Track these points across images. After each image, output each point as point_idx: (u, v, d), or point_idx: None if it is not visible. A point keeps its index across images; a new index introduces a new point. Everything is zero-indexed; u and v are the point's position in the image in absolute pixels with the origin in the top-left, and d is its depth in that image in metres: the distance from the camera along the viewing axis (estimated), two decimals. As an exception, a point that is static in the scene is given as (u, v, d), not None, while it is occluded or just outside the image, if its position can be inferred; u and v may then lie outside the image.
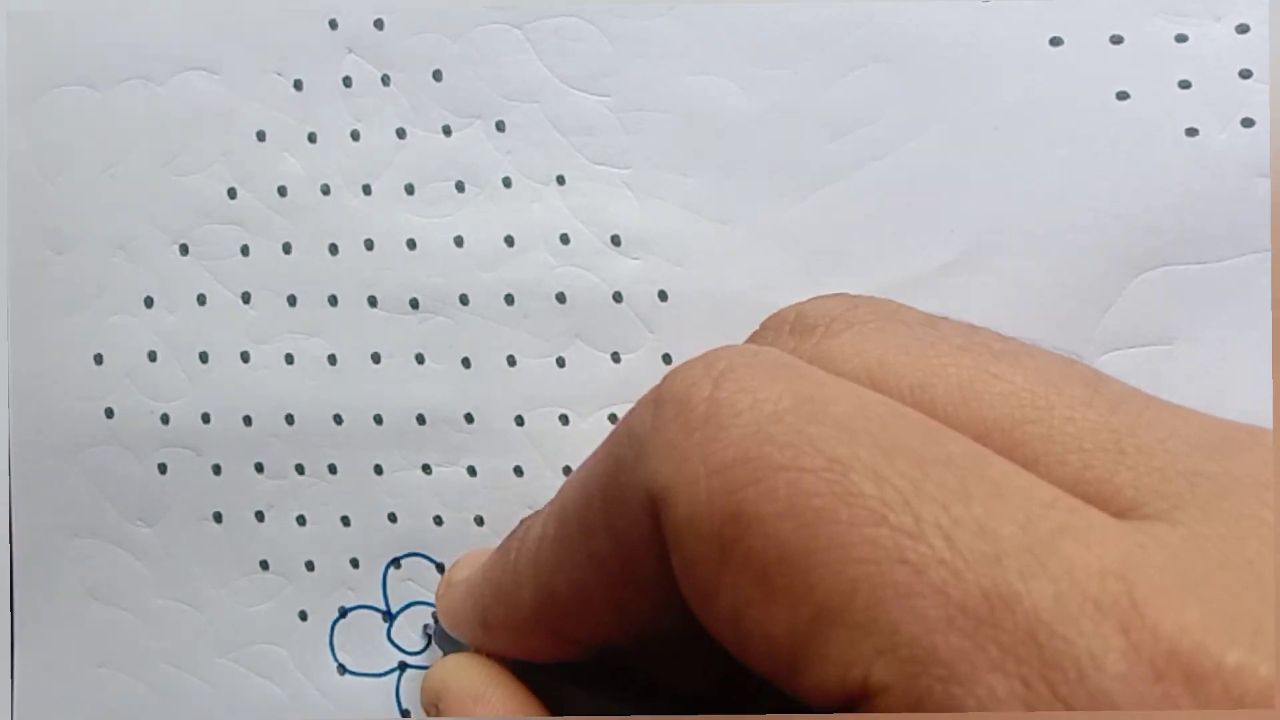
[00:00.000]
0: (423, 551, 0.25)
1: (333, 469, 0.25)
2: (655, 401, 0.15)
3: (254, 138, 0.24)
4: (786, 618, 0.13)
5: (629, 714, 0.18)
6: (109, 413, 0.25)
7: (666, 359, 0.24)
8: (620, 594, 0.16)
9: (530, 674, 0.19)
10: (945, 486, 0.12)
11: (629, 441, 0.15)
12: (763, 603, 0.13)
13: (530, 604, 0.17)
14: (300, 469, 0.25)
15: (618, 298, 0.24)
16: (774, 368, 0.14)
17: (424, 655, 0.25)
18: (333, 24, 0.24)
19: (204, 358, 0.25)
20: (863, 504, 0.12)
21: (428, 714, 0.21)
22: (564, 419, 0.24)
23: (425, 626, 0.25)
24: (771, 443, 0.13)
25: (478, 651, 0.20)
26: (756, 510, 0.13)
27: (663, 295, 0.24)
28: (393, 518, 0.25)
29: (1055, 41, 0.23)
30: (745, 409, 0.13)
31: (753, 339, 0.18)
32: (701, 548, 0.13)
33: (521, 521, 0.19)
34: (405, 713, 0.25)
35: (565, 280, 0.24)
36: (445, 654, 0.22)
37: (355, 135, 0.24)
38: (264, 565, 0.25)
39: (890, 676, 0.12)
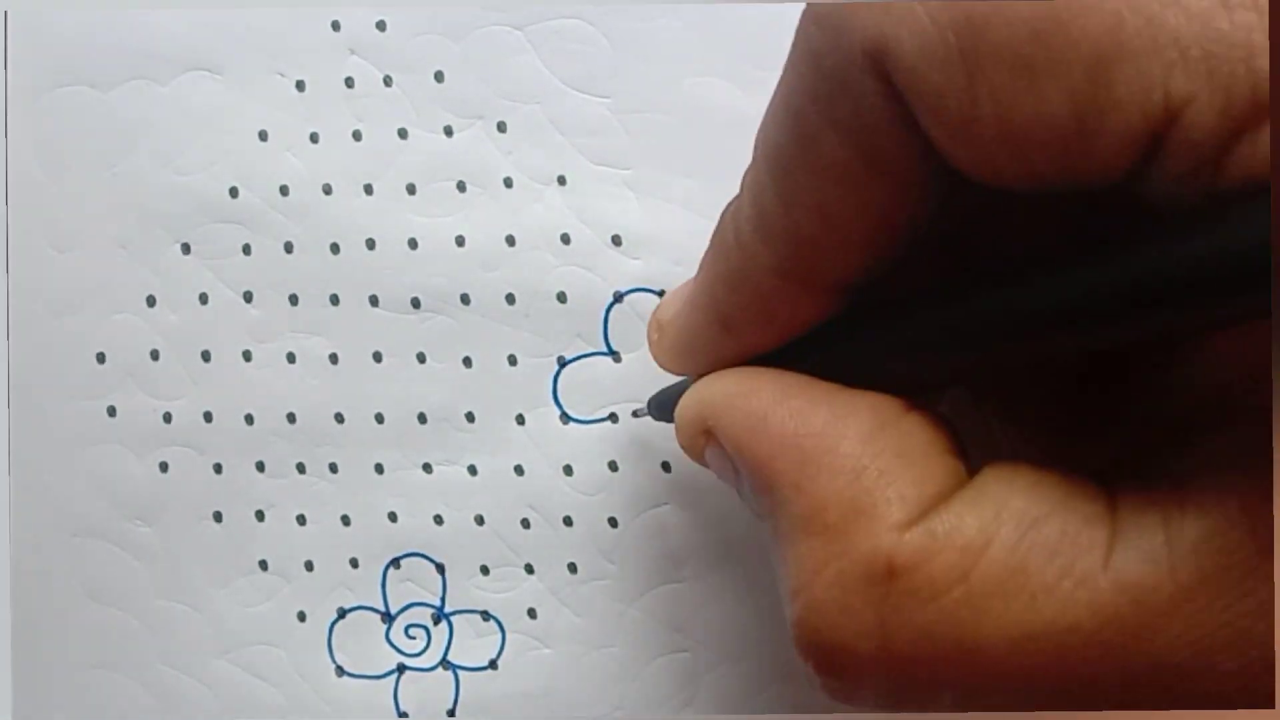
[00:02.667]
0: (423, 551, 0.25)
1: (334, 468, 0.25)
2: None
3: (256, 138, 0.24)
4: (1063, 87, 0.12)
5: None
6: (110, 411, 0.25)
7: (667, 359, 0.24)
8: (866, 194, 0.15)
9: None
10: None
11: (819, 27, 0.14)
12: (1030, 86, 0.12)
13: (772, 263, 0.16)
14: (301, 468, 0.25)
15: (618, 298, 0.24)
16: None
17: (422, 656, 0.25)
18: (335, 25, 0.24)
19: (206, 356, 0.25)
20: None
21: (692, 450, 0.18)
22: (564, 418, 0.24)
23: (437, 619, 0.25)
24: None
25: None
26: (986, 4, 0.12)
27: (663, 294, 0.24)
28: (393, 517, 0.25)
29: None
30: None
31: None
32: (946, 72, 0.13)
33: (723, 212, 0.17)
34: (403, 715, 0.25)
35: (566, 280, 0.24)
36: (664, 419, 0.21)
37: (357, 135, 0.24)
38: (263, 565, 0.25)
39: (1190, 83, 0.11)
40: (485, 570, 0.25)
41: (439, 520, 0.25)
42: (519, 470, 0.24)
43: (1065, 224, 0.15)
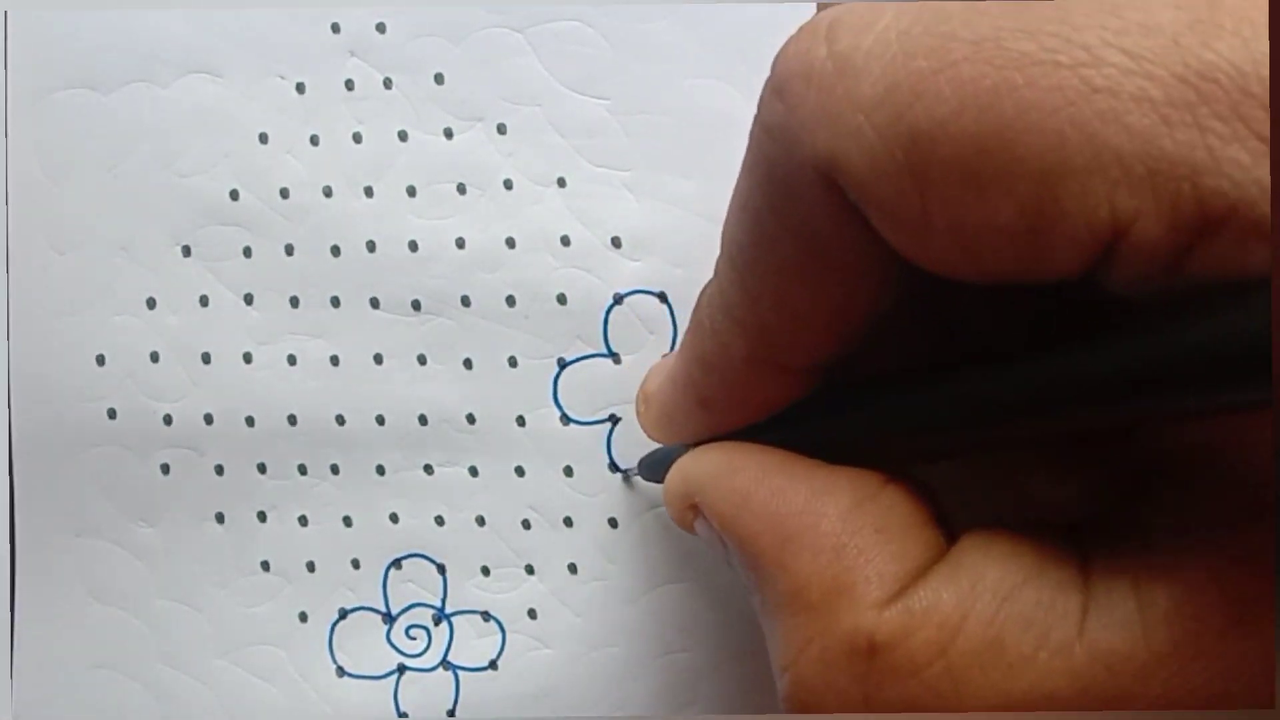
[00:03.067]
0: (423, 552, 0.25)
1: (335, 469, 0.25)
2: (776, 88, 0.14)
3: (256, 140, 0.24)
4: (1010, 200, 0.12)
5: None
6: (111, 413, 0.25)
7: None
8: (824, 290, 0.15)
9: None
10: (1088, 12, 0.12)
11: (771, 138, 0.14)
12: (979, 200, 0.12)
13: (742, 349, 0.17)
14: (302, 469, 0.25)
15: (618, 299, 0.24)
16: (872, 2, 0.14)
17: (423, 657, 0.25)
18: (335, 27, 0.24)
19: (206, 359, 0.25)
20: (1030, 62, 0.12)
21: (680, 520, 0.19)
22: (565, 419, 0.24)
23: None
24: (913, 57, 0.13)
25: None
26: (932, 120, 0.13)
27: (663, 296, 0.24)
28: (394, 518, 0.25)
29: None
30: (870, 43, 0.13)
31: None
32: (896, 187, 0.13)
33: (700, 293, 0.18)
34: (403, 715, 0.25)
35: (566, 282, 0.24)
36: (653, 479, 0.22)
37: (357, 138, 0.24)
38: (264, 566, 0.25)
39: (1135, 200, 0.12)
40: (486, 571, 0.25)
41: (440, 521, 0.25)
42: (519, 471, 0.24)
43: (1036, 304, 0.15)
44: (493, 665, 0.25)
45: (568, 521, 0.24)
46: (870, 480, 0.16)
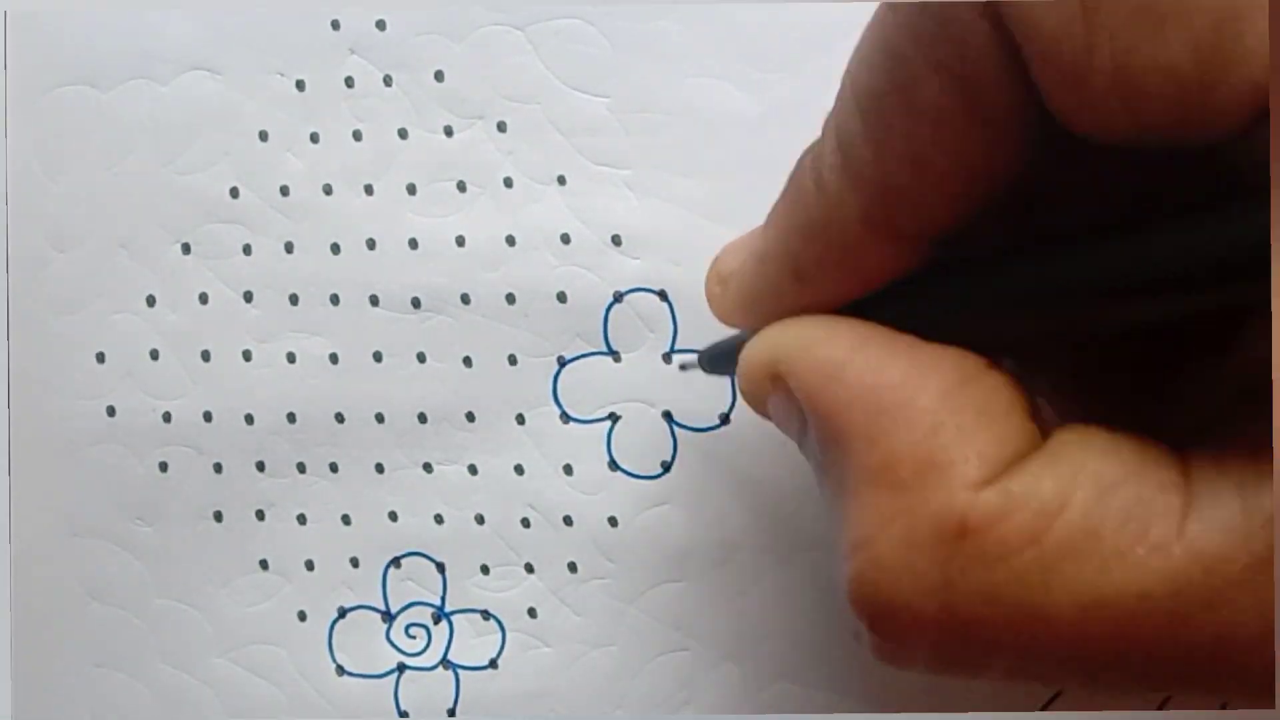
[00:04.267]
0: (423, 550, 0.25)
1: (334, 467, 0.25)
2: None
3: (256, 137, 0.24)
4: (1186, 35, 0.12)
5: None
6: (110, 411, 0.25)
7: (666, 359, 0.24)
8: (965, 143, 0.14)
9: None
10: None
11: None
12: (1152, 34, 0.12)
13: (857, 211, 0.15)
14: (301, 467, 0.25)
15: (618, 298, 0.24)
16: None
17: (423, 656, 0.25)
18: (335, 25, 0.24)
19: (206, 356, 0.25)
20: None
21: (755, 396, 0.18)
22: (564, 418, 0.24)
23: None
24: None
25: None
26: None
27: (663, 295, 0.24)
28: (393, 516, 0.25)
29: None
30: None
31: None
32: (1063, 17, 0.12)
33: (800, 159, 0.17)
34: (403, 714, 0.25)
35: (566, 280, 0.24)
36: (717, 371, 0.20)
37: (357, 135, 0.24)
38: (263, 565, 0.25)
39: None
40: (485, 569, 0.25)
41: (439, 519, 0.25)
42: (519, 470, 0.24)
43: (1163, 184, 0.14)
44: (493, 664, 0.25)
45: (567, 520, 0.24)
46: (973, 362, 0.15)
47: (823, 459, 0.16)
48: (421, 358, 0.24)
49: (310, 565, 0.25)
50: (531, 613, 0.25)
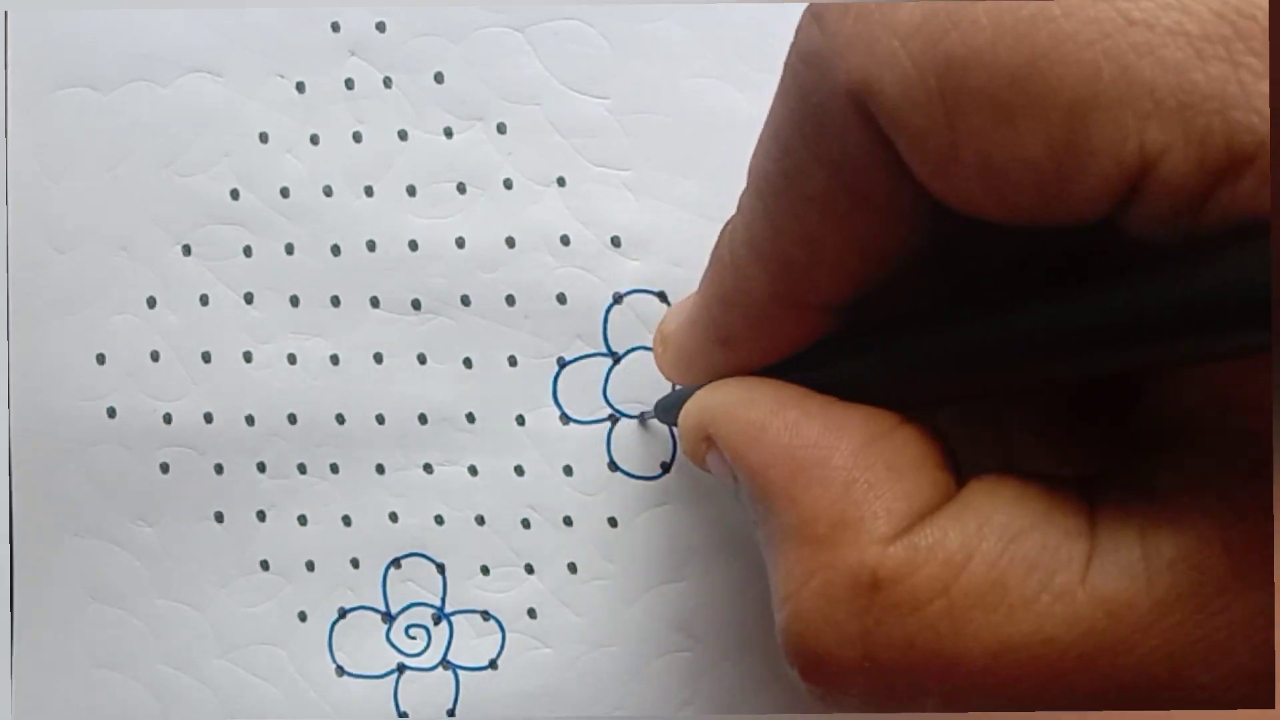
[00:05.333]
0: (423, 551, 0.25)
1: (334, 468, 0.25)
2: (814, 14, 0.14)
3: (257, 139, 0.24)
4: (1040, 132, 0.12)
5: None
6: (111, 412, 0.25)
7: (666, 359, 0.24)
8: (850, 224, 0.15)
9: None
10: None
11: (806, 64, 0.14)
12: (1009, 131, 0.12)
13: (765, 285, 0.16)
14: (302, 468, 0.25)
15: (617, 299, 0.24)
16: None
17: (423, 656, 0.25)
18: (335, 27, 0.24)
19: (206, 357, 0.25)
20: None
21: (693, 453, 0.19)
22: (564, 418, 0.24)
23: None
24: None
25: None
26: (966, 48, 0.12)
27: (663, 295, 0.24)
28: (394, 517, 0.25)
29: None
30: None
31: None
32: (926, 114, 0.13)
33: (722, 230, 0.18)
34: (403, 715, 0.25)
35: (566, 281, 0.24)
36: (667, 421, 0.22)
37: (357, 137, 0.24)
38: (264, 565, 0.25)
39: (1164, 134, 0.12)
40: (485, 570, 0.25)
41: (439, 520, 0.25)
42: (519, 470, 0.24)
43: (1056, 250, 0.15)
44: (492, 664, 0.25)
45: (567, 521, 0.24)
46: (884, 419, 0.16)
47: (753, 514, 0.17)
48: (422, 359, 0.24)
49: (310, 566, 0.25)
50: (531, 613, 0.25)
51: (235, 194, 0.24)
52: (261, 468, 0.25)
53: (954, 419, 0.17)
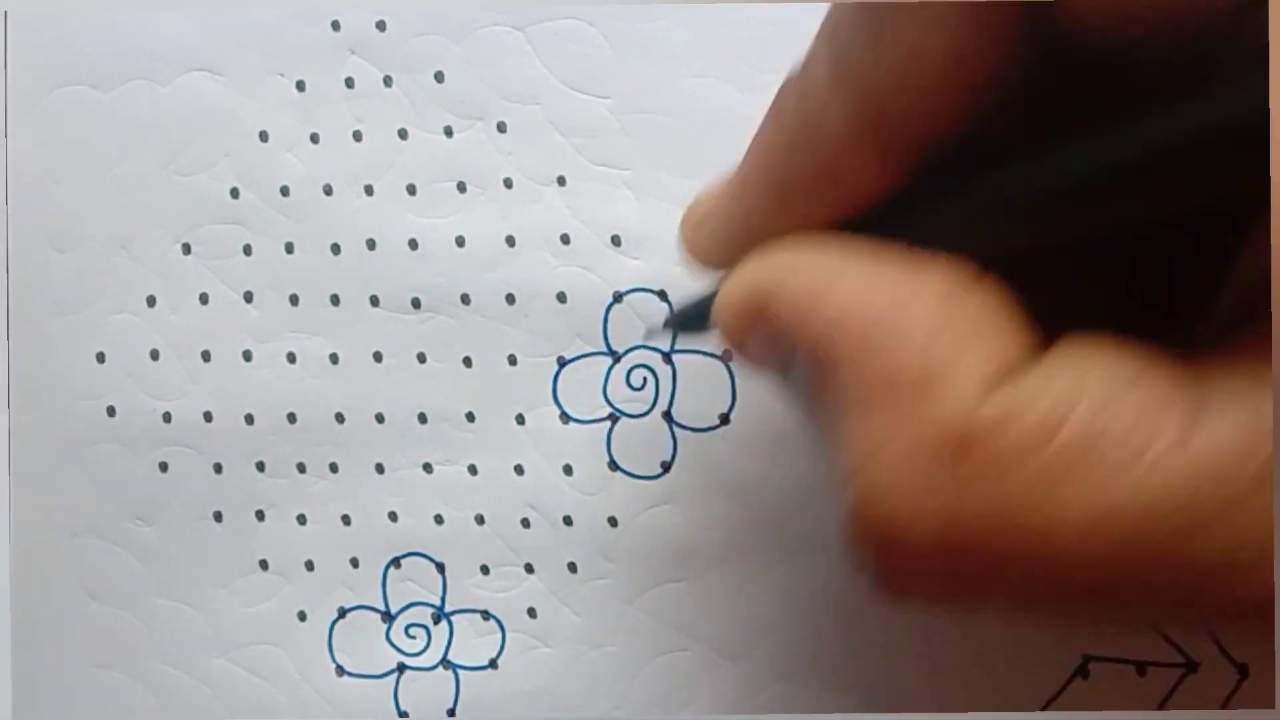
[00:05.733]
0: (423, 551, 0.25)
1: (334, 468, 0.25)
2: None
3: (257, 138, 0.24)
4: None
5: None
6: (110, 411, 0.25)
7: (667, 359, 0.24)
8: (962, 42, 0.14)
9: None
10: None
11: None
12: None
13: (844, 116, 0.14)
14: (301, 468, 0.25)
15: (617, 298, 0.24)
16: None
17: (423, 656, 0.25)
18: (335, 26, 0.24)
19: (206, 356, 0.25)
20: None
21: (735, 334, 0.17)
22: (564, 418, 0.24)
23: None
24: None
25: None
26: None
27: (662, 294, 0.24)
28: (393, 516, 0.25)
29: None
30: None
31: None
32: None
33: (781, 89, 0.16)
34: (403, 714, 0.25)
35: (566, 280, 0.24)
36: (692, 328, 0.20)
37: (357, 136, 0.24)
38: (263, 565, 0.25)
39: None
40: (485, 570, 0.25)
41: (439, 520, 0.25)
42: (519, 470, 0.24)
43: (1142, 90, 0.14)
44: (492, 664, 0.25)
45: (567, 520, 0.24)
46: (965, 271, 0.15)
47: (813, 389, 0.15)
48: (421, 358, 0.24)
49: (310, 565, 0.25)
50: (531, 613, 0.25)
51: (235, 193, 0.24)
52: (261, 467, 0.25)
53: (1043, 273, 0.16)
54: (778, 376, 0.17)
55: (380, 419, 0.24)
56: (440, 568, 0.25)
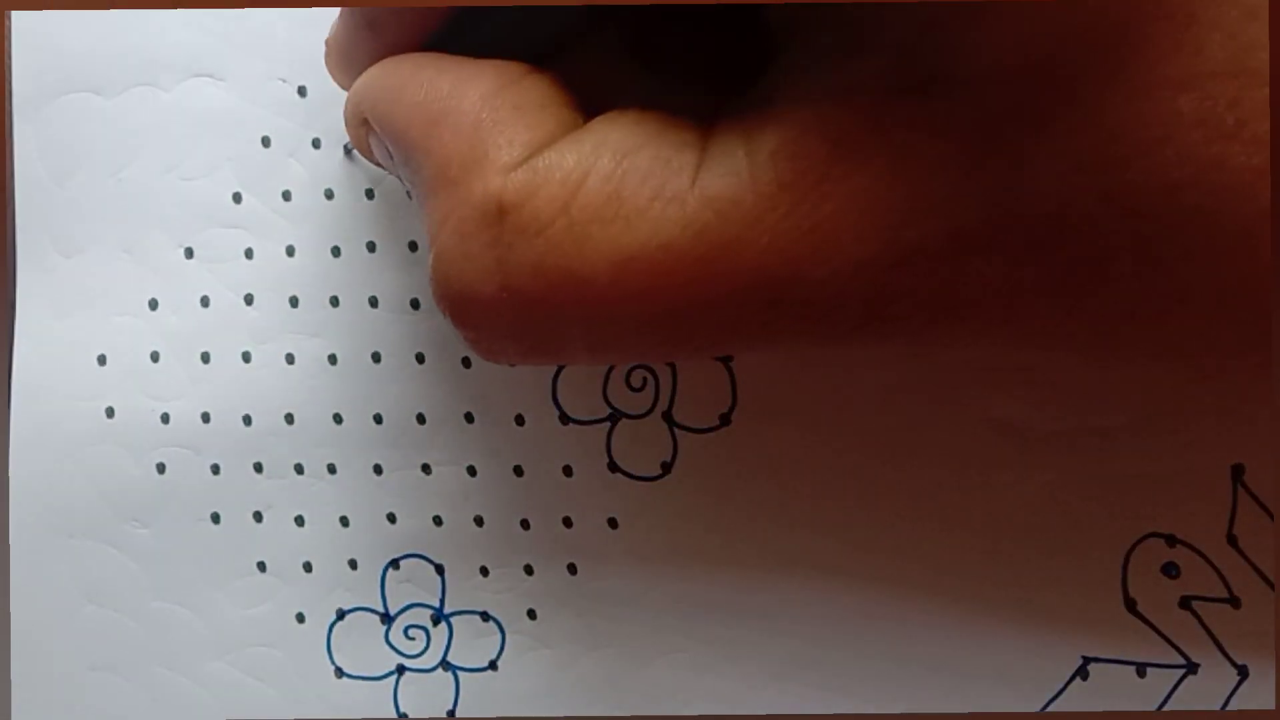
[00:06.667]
0: (422, 552, 0.25)
1: (332, 469, 0.25)
2: None
3: (259, 143, 0.25)
4: None
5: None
6: (109, 412, 0.25)
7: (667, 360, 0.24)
8: None
9: None
10: None
11: None
12: None
13: None
14: (299, 469, 0.25)
15: (616, 300, 0.24)
16: None
17: (423, 658, 0.25)
18: (337, 32, 0.25)
19: (205, 358, 0.25)
20: None
21: (357, 139, 0.20)
22: (564, 419, 0.24)
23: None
24: None
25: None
26: None
27: (661, 294, 0.24)
28: (392, 518, 0.25)
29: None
30: None
31: None
32: None
33: None
34: (403, 716, 0.25)
35: (564, 282, 0.24)
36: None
37: (358, 140, 0.25)
38: (261, 566, 0.25)
39: None
40: (485, 571, 0.25)
41: (438, 521, 0.25)
42: (518, 471, 0.25)
43: None
44: (492, 665, 0.25)
45: (567, 521, 0.24)
46: (514, 68, 0.17)
47: (406, 180, 0.18)
48: (420, 358, 0.25)
49: (308, 567, 0.25)
50: (531, 614, 0.24)
51: (238, 197, 0.25)
52: (259, 468, 0.25)
53: (592, 73, 0.18)
54: (393, 171, 0.19)
55: (378, 420, 0.25)
56: (439, 569, 0.25)
